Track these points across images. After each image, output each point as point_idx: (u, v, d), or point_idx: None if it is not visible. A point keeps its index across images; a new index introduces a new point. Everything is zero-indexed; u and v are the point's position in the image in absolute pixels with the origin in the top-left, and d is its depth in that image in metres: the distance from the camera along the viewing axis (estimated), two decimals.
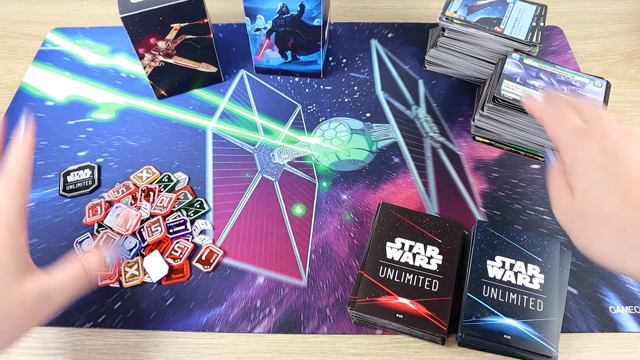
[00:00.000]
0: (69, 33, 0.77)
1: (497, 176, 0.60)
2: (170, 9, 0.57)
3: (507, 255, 0.48)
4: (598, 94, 0.57)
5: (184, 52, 0.63)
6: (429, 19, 0.79)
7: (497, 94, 0.56)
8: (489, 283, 0.47)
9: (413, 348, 0.47)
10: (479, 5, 0.66)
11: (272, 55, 0.68)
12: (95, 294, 0.51)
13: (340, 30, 0.77)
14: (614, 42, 0.76)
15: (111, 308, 0.50)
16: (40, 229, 0.56)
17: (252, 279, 0.52)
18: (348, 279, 0.52)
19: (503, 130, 0.60)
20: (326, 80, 0.70)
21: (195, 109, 0.67)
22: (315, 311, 0.50)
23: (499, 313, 0.45)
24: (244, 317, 0.49)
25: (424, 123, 0.65)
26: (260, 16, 0.62)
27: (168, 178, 0.59)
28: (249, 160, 0.62)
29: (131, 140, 0.64)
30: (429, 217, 0.52)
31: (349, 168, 0.61)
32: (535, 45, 0.62)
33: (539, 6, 0.66)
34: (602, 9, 0.81)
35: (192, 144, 0.63)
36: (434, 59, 0.70)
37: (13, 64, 0.74)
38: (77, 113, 0.67)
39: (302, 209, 0.57)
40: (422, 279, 0.47)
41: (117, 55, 0.74)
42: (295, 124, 0.65)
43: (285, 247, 0.54)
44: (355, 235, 0.55)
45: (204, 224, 0.56)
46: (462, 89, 0.69)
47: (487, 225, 0.50)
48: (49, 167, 0.61)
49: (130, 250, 0.53)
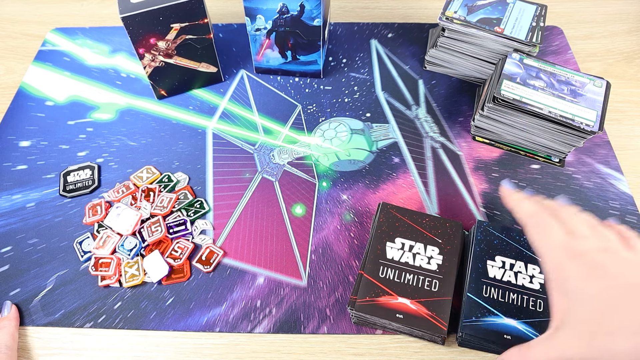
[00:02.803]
0: (69, 33, 0.77)
1: (497, 176, 0.60)
2: (170, 9, 0.57)
3: (507, 256, 0.48)
4: (598, 94, 0.57)
5: (184, 52, 0.63)
6: (429, 19, 0.79)
7: (497, 94, 0.56)
8: (489, 283, 0.47)
9: (413, 348, 0.47)
10: (479, 5, 0.66)
11: (272, 55, 0.68)
12: (96, 294, 0.51)
13: (340, 30, 0.77)
14: (614, 42, 0.76)
15: (111, 308, 0.50)
16: (40, 229, 0.56)
17: (252, 279, 0.52)
18: (348, 279, 0.52)
19: (503, 130, 0.60)
20: (326, 80, 0.70)
21: (195, 109, 0.67)
22: (315, 311, 0.50)
23: (499, 313, 0.45)
24: (244, 317, 0.49)
25: (424, 123, 0.65)
26: (260, 16, 0.62)
27: (168, 178, 0.59)
28: (249, 160, 0.62)
29: (131, 140, 0.64)
30: (429, 217, 0.52)
31: (349, 168, 0.61)
32: (535, 45, 0.62)
33: (539, 6, 0.66)
34: (602, 9, 0.81)
35: (192, 144, 0.63)
36: (434, 59, 0.70)
37: (13, 64, 0.74)
38: (77, 113, 0.67)
39: (302, 209, 0.57)
40: (422, 279, 0.47)
41: (117, 55, 0.74)
42: (295, 124, 0.65)
43: (285, 247, 0.54)
44: (355, 235, 0.55)
45: (204, 224, 0.56)
46: (462, 89, 0.69)
47: (487, 225, 0.50)
48: (49, 167, 0.61)
49: (130, 250, 0.53)
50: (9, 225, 0.56)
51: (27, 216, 0.57)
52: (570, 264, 0.38)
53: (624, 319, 0.34)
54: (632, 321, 0.34)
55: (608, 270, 0.36)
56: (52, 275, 0.52)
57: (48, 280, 0.52)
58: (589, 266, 0.37)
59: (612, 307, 0.35)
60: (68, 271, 0.53)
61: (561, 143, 0.58)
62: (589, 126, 0.54)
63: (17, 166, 0.61)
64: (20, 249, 0.54)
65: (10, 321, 0.48)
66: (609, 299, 0.35)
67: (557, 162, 0.61)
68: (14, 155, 0.62)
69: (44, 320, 0.50)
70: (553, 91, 0.57)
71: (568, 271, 0.38)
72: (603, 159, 0.61)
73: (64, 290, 0.51)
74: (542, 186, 0.59)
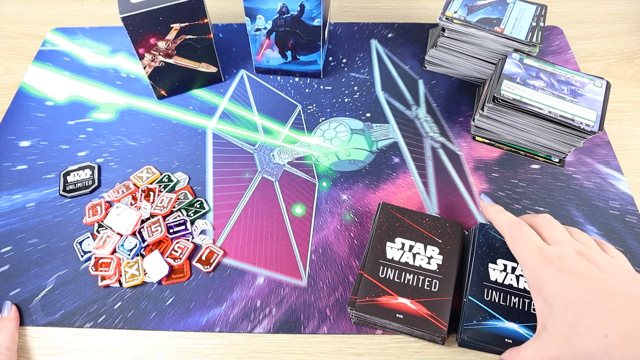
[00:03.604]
0: (69, 33, 0.77)
1: (497, 176, 0.60)
2: (170, 9, 0.57)
3: (508, 259, 0.48)
4: (598, 94, 0.57)
5: (184, 52, 0.63)
6: (429, 19, 0.79)
7: (497, 94, 0.56)
8: (490, 286, 0.47)
9: (413, 348, 0.47)
10: (479, 5, 0.66)
11: (272, 55, 0.68)
12: (96, 294, 0.51)
13: (340, 30, 0.77)
14: (614, 42, 0.76)
15: (111, 308, 0.50)
16: (40, 229, 0.56)
17: (252, 279, 0.52)
18: (348, 279, 0.52)
19: (503, 130, 0.60)
20: (326, 80, 0.70)
21: (195, 109, 0.67)
22: (315, 311, 0.50)
23: (500, 317, 0.45)
24: (244, 317, 0.49)
25: (424, 123, 0.65)
26: (260, 16, 0.62)
27: (168, 178, 0.59)
28: (249, 160, 0.62)
29: (131, 140, 0.64)
30: (429, 217, 0.52)
31: (349, 168, 0.61)
32: (535, 45, 0.62)
33: (539, 6, 0.66)
34: (602, 9, 0.81)
35: (192, 144, 0.63)
36: (434, 59, 0.70)
37: (13, 64, 0.74)
38: (77, 113, 0.67)
39: (302, 209, 0.57)
40: (422, 279, 0.47)
41: (117, 55, 0.74)
42: (295, 124, 0.65)
43: (285, 247, 0.54)
44: (355, 235, 0.55)
45: (204, 224, 0.56)
46: (462, 89, 0.69)
47: (489, 227, 0.50)
48: (49, 167, 0.61)
49: (130, 250, 0.53)
50: (9, 225, 0.56)
51: (27, 216, 0.57)
52: (545, 268, 0.39)
53: (594, 320, 0.35)
54: (601, 322, 0.35)
55: (582, 274, 0.37)
56: (52, 275, 0.52)
57: (48, 280, 0.52)
58: (564, 271, 0.38)
59: (584, 309, 0.36)
60: (68, 271, 0.53)
61: (561, 143, 0.58)
62: (589, 126, 0.54)
63: (17, 166, 0.61)
64: (20, 249, 0.54)
65: (10, 322, 0.48)
66: (582, 301, 0.36)
67: (557, 162, 0.61)
68: (14, 155, 0.62)
69: (44, 320, 0.50)
70: (553, 91, 0.57)
71: (544, 276, 0.39)
72: (603, 159, 0.61)
73: (64, 290, 0.51)
74: (542, 186, 0.59)
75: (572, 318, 0.36)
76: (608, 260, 0.39)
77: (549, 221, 0.43)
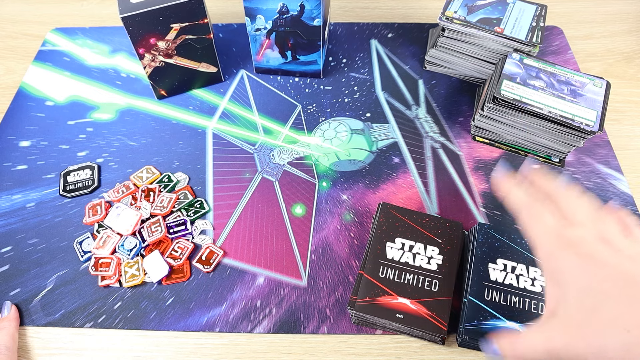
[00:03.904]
0: (69, 33, 0.77)
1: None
2: (170, 9, 0.57)
3: (508, 258, 0.48)
4: (598, 94, 0.57)
5: (184, 52, 0.63)
6: (429, 19, 0.79)
7: (497, 94, 0.56)
8: (490, 286, 0.47)
9: (413, 348, 0.47)
10: (479, 5, 0.66)
11: (272, 55, 0.68)
12: (96, 294, 0.51)
13: (340, 30, 0.77)
14: (614, 42, 0.76)
15: (111, 308, 0.50)
16: (40, 229, 0.56)
17: (252, 279, 0.52)
18: (348, 279, 0.52)
19: (503, 130, 0.60)
20: (326, 80, 0.70)
21: (195, 109, 0.67)
22: (315, 311, 0.50)
23: (501, 316, 0.45)
24: (244, 317, 0.49)
25: (424, 123, 0.65)
26: (260, 16, 0.62)
27: (168, 178, 0.59)
28: (249, 160, 0.62)
29: (131, 140, 0.64)
30: (429, 217, 0.52)
31: (349, 168, 0.61)
32: (535, 45, 0.62)
33: (539, 6, 0.66)
34: (602, 9, 0.81)
35: (192, 144, 0.63)
36: (434, 59, 0.70)
37: (13, 64, 0.74)
38: (77, 113, 0.67)
39: (302, 209, 0.57)
40: (422, 279, 0.47)
41: (117, 55, 0.74)
42: (295, 124, 0.65)
43: (285, 247, 0.54)
44: (355, 235, 0.55)
45: (204, 224, 0.56)
46: (462, 89, 0.69)
47: (489, 227, 0.50)
48: (49, 167, 0.61)
49: (130, 250, 0.53)
50: (9, 225, 0.56)
51: (27, 216, 0.57)
52: (562, 253, 0.36)
53: (616, 314, 0.32)
54: (624, 317, 0.32)
55: (602, 261, 0.34)
56: (52, 275, 0.52)
57: (48, 280, 0.52)
58: (582, 257, 0.35)
59: (605, 300, 0.33)
60: (68, 271, 0.53)
61: (561, 143, 0.58)
62: (589, 126, 0.54)
63: (17, 166, 0.61)
64: (20, 249, 0.54)
65: (10, 322, 0.48)
66: (602, 292, 0.33)
67: (557, 162, 0.61)
68: (14, 155, 0.62)
69: (44, 320, 0.50)
70: (553, 91, 0.57)
71: (560, 261, 0.36)
72: (603, 159, 0.61)
73: (64, 290, 0.51)
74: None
75: (590, 307, 0.33)
76: (632, 247, 0.36)
77: (572, 198, 0.39)
